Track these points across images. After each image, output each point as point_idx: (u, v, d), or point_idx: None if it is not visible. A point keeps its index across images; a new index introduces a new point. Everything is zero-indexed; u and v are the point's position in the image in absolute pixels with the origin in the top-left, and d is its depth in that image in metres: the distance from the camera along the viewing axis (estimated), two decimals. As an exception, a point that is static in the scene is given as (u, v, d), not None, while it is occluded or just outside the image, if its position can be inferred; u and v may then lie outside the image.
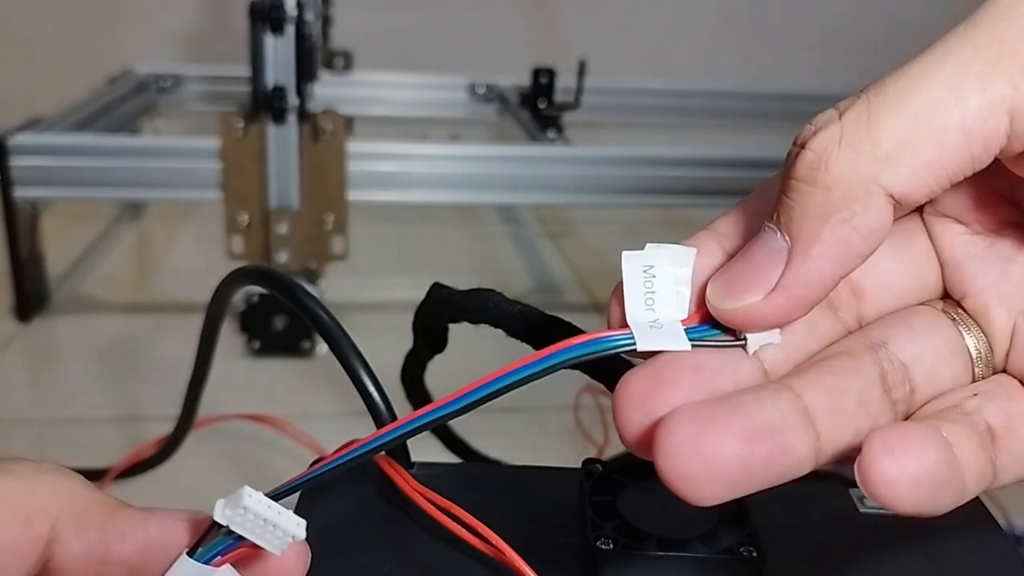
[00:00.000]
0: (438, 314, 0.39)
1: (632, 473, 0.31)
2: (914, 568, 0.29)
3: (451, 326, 0.39)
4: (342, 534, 0.29)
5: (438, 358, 0.43)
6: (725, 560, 0.27)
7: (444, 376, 0.41)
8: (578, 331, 0.35)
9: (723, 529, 0.28)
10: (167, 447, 0.55)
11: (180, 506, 0.63)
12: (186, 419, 0.53)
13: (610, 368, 0.29)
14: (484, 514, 0.31)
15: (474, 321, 0.36)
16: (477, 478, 0.33)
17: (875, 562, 0.29)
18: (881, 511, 0.32)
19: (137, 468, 0.59)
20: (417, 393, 0.42)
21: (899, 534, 0.31)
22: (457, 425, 0.74)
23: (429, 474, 0.33)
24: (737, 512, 0.29)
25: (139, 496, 0.64)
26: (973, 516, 0.32)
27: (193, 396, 0.51)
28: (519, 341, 0.35)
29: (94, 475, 0.62)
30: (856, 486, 0.33)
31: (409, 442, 0.33)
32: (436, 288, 0.38)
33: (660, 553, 0.27)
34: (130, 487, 0.62)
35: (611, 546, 0.27)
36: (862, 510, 0.32)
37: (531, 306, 0.35)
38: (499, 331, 0.36)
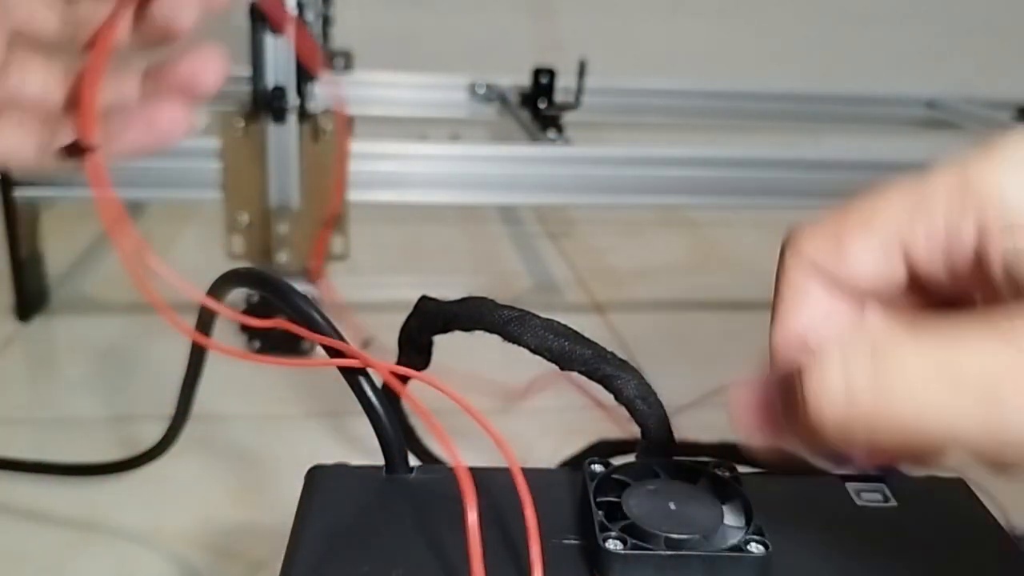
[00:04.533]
0: (429, 325, 0.39)
1: (634, 473, 0.31)
2: (915, 561, 0.29)
3: (444, 335, 0.39)
4: (345, 542, 0.29)
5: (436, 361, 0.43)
6: (734, 557, 0.27)
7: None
8: (577, 334, 0.35)
9: (729, 527, 0.28)
10: (159, 446, 0.55)
11: (177, 506, 0.63)
12: (179, 421, 0.53)
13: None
14: (486, 516, 0.31)
15: (468, 329, 0.36)
16: (478, 480, 0.33)
17: (876, 556, 0.29)
18: (878, 504, 0.32)
19: (131, 464, 0.59)
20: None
21: (898, 528, 0.31)
22: (457, 426, 0.74)
23: (430, 478, 0.33)
24: (741, 509, 0.29)
25: (135, 495, 0.64)
26: (971, 512, 0.32)
27: (187, 397, 0.51)
28: (516, 345, 0.35)
29: (91, 470, 0.62)
30: (852, 480, 0.33)
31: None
32: (424, 301, 0.38)
33: (669, 553, 0.27)
34: (128, 486, 0.62)
35: (620, 546, 0.27)
36: (859, 503, 0.32)
37: (525, 310, 0.35)
38: (494, 337, 0.36)
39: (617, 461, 0.32)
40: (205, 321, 0.46)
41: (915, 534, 0.31)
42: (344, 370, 0.34)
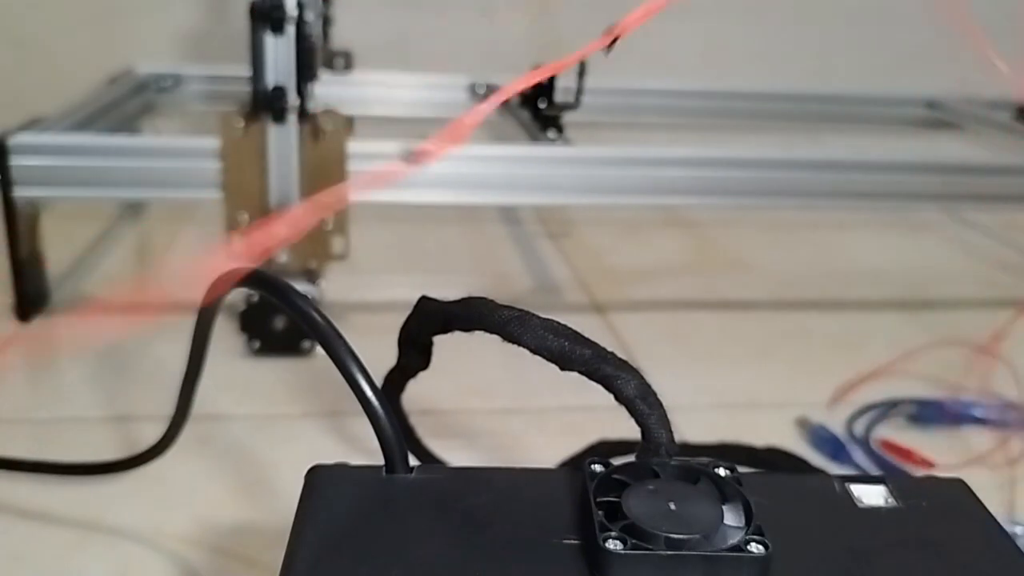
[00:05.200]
0: (428, 325, 0.39)
1: (634, 473, 0.31)
2: (915, 561, 0.29)
3: (443, 337, 0.39)
4: (345, 542, 0.29)
5: (436, 365, 0.43)
6: (734, 557, 0.27)
7: (445, 383, 0.41)
8: (577, 334, 0.35)
9: (729, 527, 0.28)
10: (159, 446, 0.55)
11: (177, 506, 0.63)
12: (179, 421, 0.53)
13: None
14: (486, 516, 0.31)
15: (468, 329, 0.36)
16: (478, 481, 0.33)
17: (876, 556, 0.29)
18: (878, 504, 0.32)
19: (131, 464, 0.59)
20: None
21: (898, 528, 0.31)
22: (457, 425, 0.74)
23: (430, 478, 0.33)
24: (741, 509, 0.29)
25: (135, 495, 0.64)
26: (971, 512, 0.32)
27: (187, 397, 0.51)
28: (516, 345, 0.35)
29: (91, 470, 0.62)
30: (852, 480, 0.33)
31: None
32: (424, 301, 0.38)
33: (669, 552, 0.27)
34: (128, 486, 0.62)
35: (620, 547, 0.27)
36: (860, 506, 0.32)
37: (525, 310, 0.35)
38: (494, 337, 0.36)
39: (617, 461, 0.32)
40: (204, 324, 0.46)
41: (915, 534, 0.31)
42: (343, 369, 0.35)
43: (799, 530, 0.30)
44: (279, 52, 0.81)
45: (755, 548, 0.27)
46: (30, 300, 0.91)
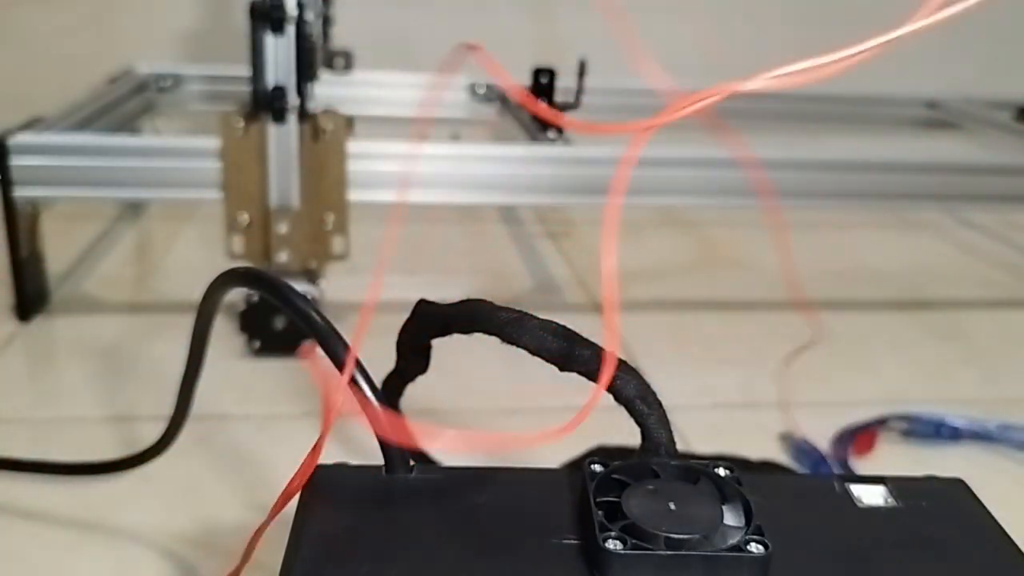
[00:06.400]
0: (427, 328, 0.39)
1: (634, 473, 0.31)
2: (915, 561, 0.29)
3: (444, 339, 0.39)
4: (345, 542, 0.29)
5: (436, 365, 0.43)
6: (734, 557, 0.27)
7: (444, 384, 0.41)
8: (576, 334, 0.35)
9: (729, 527, 0.28)
10: (159, 445, 0.55)
11: (177, 506, 0.63)
12: (178, 420, 0.53)
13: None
14: (486, 516, 0.31)
15: (467, 331, 0.36)
16: (478, 481, 0.33)
17: (876, 556, 0.29)
18: (878, 504, 0.32)
19: (131, 464, 0.59)
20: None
21: (898, 528, 0.31)
22: (457, 425, 0.74)
23: (430, 478, 0.33)
24: (741, 509, 0.29)
25: (135, 495, 0.64)
26: (971, 512, 0.32)
27: (186, 397, 0.51)
28: (515, 347, 0.35)
29: (91, 470, 0.62)
30: (852, 481, 0.33)
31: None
32: (422, 304, 0.38)
33: (669, 552, 0.27)
34: (128, 486, 0.62)
35: (620, 546, 0.27)
36: (860, 505, 0.32)
37: (524, 312, 0.35)
38: (493, 339, 0.36)
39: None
40: (202, 323, 0.46)
41: (915, 534, 0.31)
42: (337, 365, 0.34)
43: (799, 530, 0.30)
44: (279, 52, 0.81)
45: (755, 548, 0.27)
46: (30, 300, 0.91)
